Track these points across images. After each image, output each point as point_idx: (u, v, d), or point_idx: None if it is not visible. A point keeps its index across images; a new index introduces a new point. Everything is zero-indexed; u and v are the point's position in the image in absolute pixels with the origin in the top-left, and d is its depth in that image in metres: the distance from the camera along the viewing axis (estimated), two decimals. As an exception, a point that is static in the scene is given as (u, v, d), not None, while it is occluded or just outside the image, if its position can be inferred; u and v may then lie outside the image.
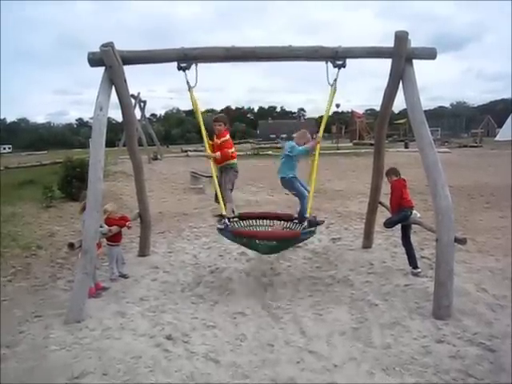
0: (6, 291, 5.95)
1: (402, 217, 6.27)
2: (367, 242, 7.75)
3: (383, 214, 7.37)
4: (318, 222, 6.13)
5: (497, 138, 50.72)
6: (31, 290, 6.02)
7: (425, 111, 5.46)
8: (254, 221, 6.69)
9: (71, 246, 5.00)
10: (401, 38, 5.30)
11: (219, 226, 5.80)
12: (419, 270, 6.23)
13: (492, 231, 8.53)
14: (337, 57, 5.58)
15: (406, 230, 6.45)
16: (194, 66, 5.62)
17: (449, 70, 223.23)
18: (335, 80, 5.70)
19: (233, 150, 6.24)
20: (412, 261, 6.31)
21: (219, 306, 5.35)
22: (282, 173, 6.05)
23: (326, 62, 5.66)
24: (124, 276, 6.44)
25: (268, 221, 6.70)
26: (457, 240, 4.89)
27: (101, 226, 5.64)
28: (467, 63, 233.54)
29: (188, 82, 5.68)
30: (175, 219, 10.74)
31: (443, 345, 4.22)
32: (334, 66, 5.63)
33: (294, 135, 6.41)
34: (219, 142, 6.12)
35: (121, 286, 6.09)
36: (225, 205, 5.92)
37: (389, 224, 6.51)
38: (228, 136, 6.27)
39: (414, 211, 6.27)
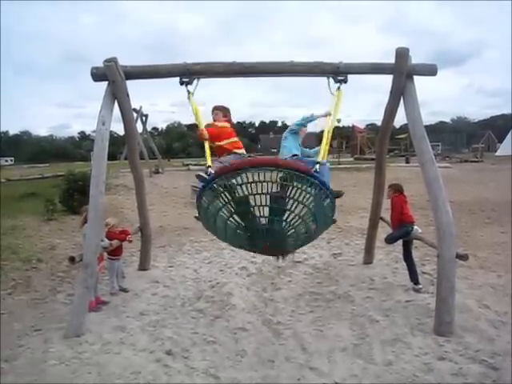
0: (5, 304, 5.93)
1: (403, 232, 6.27)
2: (368, 258, 7.72)
3: (384, 230, 7.37)
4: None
5: (497, 153, 50.68)
6: (31, 304, 6.00)
7: (425, 126, 5.48)
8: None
9: (72, 259, 4.99)
10: (401, 54, 5.35)
11: (200, 180, 4.84)
12: (420, 285, 6.20)
13: (493, 247, 8.50)
14: (338, 72, 5.60)
15: (407, 246, 6.44)
16: (196, 81, 5.65)
17: (449, 85, 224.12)
18: (338, 88, 5.53)
19: (235, 139, 5.39)
20: (413, 276, 6.29)
21: (219, 321, 5.33)
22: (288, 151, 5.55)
23: (328, 78, 5.68)
24: (124, 290, 6.42)
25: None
26: (458, 256, 4.88)
27: (102, 240, 5.64)
28: (468, 79, 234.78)
29: (188, 91, 5.58)
30: (176, 233, 10.72)
31: (445, 362, 4.18)
32: (336, 82, 5.65)
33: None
34: (219, 125, 5.39)
35: (121, 301, 6.07)
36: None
37: (390, 240, 6.51)
38: (228, 124, 5.50)
39: (415, 227, 6.27)
